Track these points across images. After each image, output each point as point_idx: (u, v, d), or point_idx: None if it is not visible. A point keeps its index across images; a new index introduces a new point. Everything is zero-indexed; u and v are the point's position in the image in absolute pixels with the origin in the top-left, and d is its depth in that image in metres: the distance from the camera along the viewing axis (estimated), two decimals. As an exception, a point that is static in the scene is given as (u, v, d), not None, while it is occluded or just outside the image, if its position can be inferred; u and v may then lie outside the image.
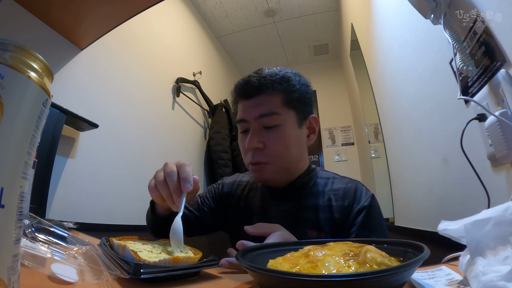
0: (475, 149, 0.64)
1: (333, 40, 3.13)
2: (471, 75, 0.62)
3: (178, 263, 0.37)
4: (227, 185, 0.75)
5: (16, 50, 0.20)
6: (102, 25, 1.14)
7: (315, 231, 0.58)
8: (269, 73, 0.61)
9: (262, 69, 0.63)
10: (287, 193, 0.64)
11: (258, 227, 0.50)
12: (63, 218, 0.96)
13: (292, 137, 0.60)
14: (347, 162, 3.09)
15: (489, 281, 0.23)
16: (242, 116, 0.62)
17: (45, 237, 0.39)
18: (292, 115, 0.61)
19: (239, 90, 0.64)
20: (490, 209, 0.28)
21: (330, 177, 0.67)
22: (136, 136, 1.61)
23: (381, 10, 1.38)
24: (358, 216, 0.58)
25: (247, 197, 0.70)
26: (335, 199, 0.61)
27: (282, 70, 0.63)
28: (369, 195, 0.61)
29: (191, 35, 2.46)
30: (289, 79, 0.61)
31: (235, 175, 0.79)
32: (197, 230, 0.70)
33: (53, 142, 0.95)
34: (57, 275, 0.28)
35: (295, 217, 0.61)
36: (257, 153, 0.60)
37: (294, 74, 0.64)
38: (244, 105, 0.62)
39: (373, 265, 0.26)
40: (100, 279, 0.31)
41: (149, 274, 0.32)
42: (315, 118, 0.66)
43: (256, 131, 0.60)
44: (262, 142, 0.59)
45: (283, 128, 0.59)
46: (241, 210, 0.69)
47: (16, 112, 0.19)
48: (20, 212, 0.20)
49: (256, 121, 0.60)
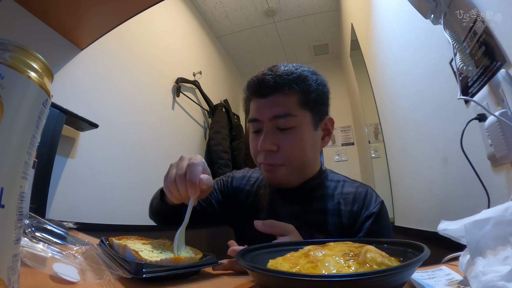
0: (475, 149, 0.64)
1: (333, 40, 3.13)
2: (471, 75, 0.62)
3: (180, 263, 0.38)
4: (236, 179, 0.73)
5: (16, 50, 0.20)
6: (102, 25, 1.14)
7: (322, 234, 0.57)
8: (285, 71, 0.58)
9: (277, 66, 0.60)
10: (297, 195, 0.63)
11: (269, 225, 0.47)
12: (63, 218, 0.96)
13: (307, 140, 0.58)
14: (347, 162, 3.09)
15: (489, 281, 0.23)
16: (255, 116, 0.59)
17: (44, 237, 0.39)
18: (308, 117, 0.58)
19: (253, 88, 0.61)
20: (490, 209, 0.28)
21: (340, 180, 0.66)
22: (136, 136, 1.61)
23: (381, 10, 1.38)
24: (366, 222, 0.57)
25: (256, 194, 0.69)
26: (344, 204, 0.60)
27: (298, 68, 0.60)
28: (378, 201, 0.60)
29: (191, 35, 2.46)
30: (306, 78, 0.59)
31: (245, 170, 0.77)
32: (202, 220, 0.69)
33: (53, 142, 0.95)
34: (59, 275, 0.28)
35: (303, 219, 0.60)
36: (270, 155, 0.58)
37: (311, 72, 0.61)
38: (258, 104, 0.59)
39: (373, 265, 0.26)
40: (102, 279, 0.31)
41: (151, 274, 0.32)
42: (331, 119, 0.64)
43: (269, 133, 0.57)
44: (276, 144, 0.57)
45: (298, 130, 0.57)
46: (249, 206, 0.68)
47: (16, 112, 0.19)
48: (20, 212, 0.20)
49: (270, 122, 0.57)
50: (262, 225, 0.47)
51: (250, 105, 0.62)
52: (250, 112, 0.62)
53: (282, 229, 0.47)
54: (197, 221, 0.69)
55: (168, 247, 0.44)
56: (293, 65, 0.62)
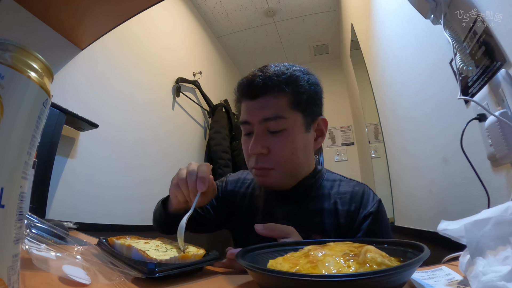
0: (475, 149, 0.64)
1: (333, 40, 3.13)
2: (471, 75, 0.62)
3: (186, 260, 0.38)
4: (230, 183, 0.73)
5: (16, 50, 0.20)
6: (102, 25, 1.14)
7: (319, 235, 0.56)
8: (275, 72, 0.56)
9: (267, 67, 0.59)
10: (292, 196, 0.62)
11: (269, 228, 0.47)
12: (63, 218, 0.96)
13: (299, 142, 0.57)
14: (347, 162, 3.09)
15: (489, 281, 0.23)
16: (245, 118, 0.58)
17: (44, 237, 0.39)
18: (299, 118, 0.57)
19: (242, 90, 0.60)
20: (490, 209, 0.28)
21: (336, 179, 0.65)
22: (136, 136, 1.61)
23: (381, 10, 1.38)
24: (364, 222, 0.56)
25: (251, 196, 0.69)
26: (341, 203, 0.59)
27: (289, 68, 0.58)
28: (376, 200, 0.59)
29: (191, 35, 2.46)
30: (297, 79, 0.57)
31: (239, 172, 0.77)
32: (200, 227, 0.69)
33: (53, 142, 0.95)
34: (70, 276, 0.28)
35: (300, 220, 0.59)
36: (261, 159, 0.57)
37: (302, 72, 0.59)
38: (248, 106, 0.58)
39: (373, 265, 0.26)
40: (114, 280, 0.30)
41: (163, 272, 0.32)
42: (324, 120, 0.62)
43: (260, 135, 0.56)
44: (266, 147, 0.56)
45: (289, 133, 0.56)
46: (244, 208, 0.68)
47: (16, 112, 0.19)
48: (20, 212, 0.20)
49: (260, 125, 0.56)
50: (262, 229, 0.46)
51: (241, 107, 0.61)
52: (241, 115, 0.61)
53: (283, 231, 0.47)
54: (197, 229, 0.69)
55: (170, 245, 0.45)
56: (284, 64, 0.60)
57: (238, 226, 0.69)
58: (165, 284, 0.33)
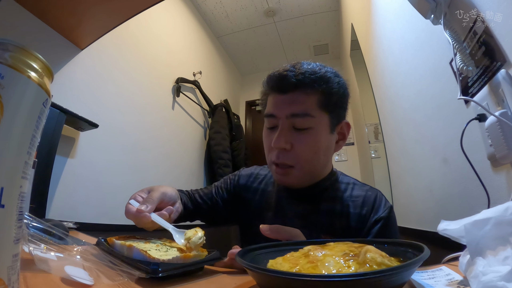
0: (475, 149, 0.64)
1: (333, 40, 3.13)
2: (471, 75, 0.62)
3: (188, 260, 0.39)
4: (243, 177, 0.73)
5: (16, 50, 0.20)
6: (102, 25, 1.14)
7: (329, 236, 0.56)
8: (308, 69, 0.57)
9: (300, 64, 0.59)
10: (306, 195, 0.62)
11: (275, 230, 0.46)
12: (63, 218, 0.96)
13: (322, 143, 0.57)
14: (347, 162, 3.08)
15: (489, 281, 0.23)
16: (272, 111, 0.58)
17: (44, 237, 0.39)
18: (325, 119, 0.57)
19: (273, 83, 0.59)
20: (490, 209, 0.28)
21: (350, 182, 0.65)
22: (136, 136, 1.61)
23: (381, 10, 1.38)
24: (375, 227, 0.56)
25: (263, 192, 0.68)
26: (353, 207, 0.59)
27: (322, 68, 0.59)
28: (388, 206, 0.60)
29: (191, 35, 2.46)
30: (329, 80, 0.57)
31: (253, 167, 0.76)
32: (209, 219, 0.69)
33: (53, 142, 0.95)
34: (72, 277, 0.27)
35: (311, 220, 0.59)
36: (283, 154, 0.57)
37: (334, 74, 0.59)
38: (276, 100, 0.58)
39: (373, 265, 0.26)
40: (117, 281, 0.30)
41: (167, 272, 0.32)
42: (347, 124, 0.62)
43: (285, 130, 0.56)
44: (290, 143, 0.56)
45: (314, 132, 0.56)
46: (255, 204, 0.67)
47: (16, 112, 0.19)
48: (20, 212, 0.20)
49: (287, 120, 0.56)
50: (268, 230, 0.46)
51: (268, 100, 0.61)
52: (267, 107, 0.60)
53: (288, 234, 0.46)
54: (204, 221, 0.69)
55: (171, 245, 0.45)
56: (316, 64, 0.60)
57: (248, 221, 0.69)
58: (167, 284, 0.33)
